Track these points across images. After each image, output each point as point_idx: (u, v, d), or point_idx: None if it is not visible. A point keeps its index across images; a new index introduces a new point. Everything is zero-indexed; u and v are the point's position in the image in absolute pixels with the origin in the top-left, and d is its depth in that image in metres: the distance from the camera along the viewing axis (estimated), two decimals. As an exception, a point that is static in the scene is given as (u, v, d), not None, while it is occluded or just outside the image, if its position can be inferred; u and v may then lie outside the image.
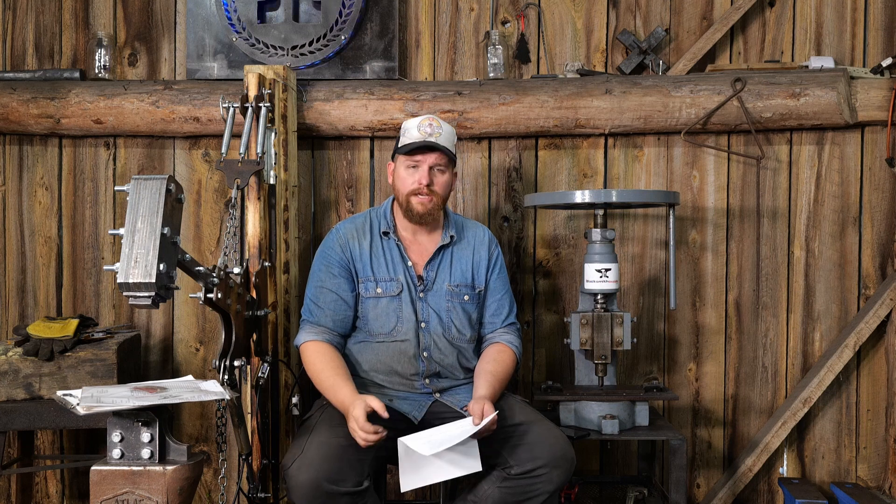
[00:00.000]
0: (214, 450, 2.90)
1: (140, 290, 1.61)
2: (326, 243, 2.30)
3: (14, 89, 2.78)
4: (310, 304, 2.25)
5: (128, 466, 1.75)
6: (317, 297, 2.24)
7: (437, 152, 2.20)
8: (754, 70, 2.78)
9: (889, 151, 2.81)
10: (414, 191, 2.20)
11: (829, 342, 2.87)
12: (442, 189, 2.23)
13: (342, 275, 2.24)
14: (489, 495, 2.01)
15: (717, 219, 2.88)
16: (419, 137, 2.19)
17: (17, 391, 2.44)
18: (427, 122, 2.22)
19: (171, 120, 2.77)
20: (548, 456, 1.96)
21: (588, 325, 2.44)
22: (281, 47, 2.81)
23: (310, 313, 2.24)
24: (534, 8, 2.90)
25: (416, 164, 2.21)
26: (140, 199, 1.65)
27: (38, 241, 2.93)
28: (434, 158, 2.20)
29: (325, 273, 2.25)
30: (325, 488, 1.83)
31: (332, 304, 2.22)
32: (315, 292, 2.24)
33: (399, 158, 2.25)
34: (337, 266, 2.24)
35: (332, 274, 2.24)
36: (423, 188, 2.19)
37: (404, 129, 2.26)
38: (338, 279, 2.23)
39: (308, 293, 2.27)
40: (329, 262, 2.25)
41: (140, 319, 2.92)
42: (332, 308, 2.22)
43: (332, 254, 2.26)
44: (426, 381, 2.22)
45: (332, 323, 2.21)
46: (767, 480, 2.90)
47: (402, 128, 2.27)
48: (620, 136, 2.87)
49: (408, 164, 2.22)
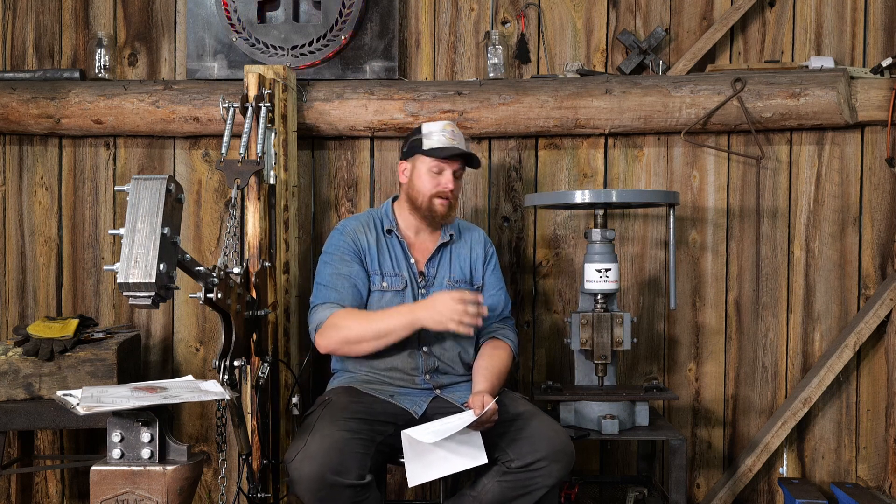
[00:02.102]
0: (214, 450, 2.90)
1: (140, 290, 1.61)
2: (334, 237, 2.32)
3: (14, 89, 2.78)
4: (325, 291, 2.23)
5: (128, 466, 1.75)
6: (333, 283, 2.23)
7: (460, 160, 2.31)
8: (754, 70, 2.78)
9: (889, 151, 2.81)
10: (438, 193, 2.28)
11: (829, 342, 2.87)
12: (458, 193, 2.36)
13: (356, 263, 2.26)
14: (489, 490, 2.01)
15: (717, 219, 2.88)
16: (445, 142, 2.28)
17: (17, 391, 2.44)
18: (450, 127, 2.32)
19: (171, 120, 2.77)
20: (548, 449, 1.97)
21: (588, 325, 2.44)
22: (281, 47, 2.81)
23: (325, 297, 2.22)
24: (534, 8, 2.90)
25: (441, 170, 2.29)
26: (140, 199, 1.65)
27: (38, 241, 2.93)
28: (458, 164, 2.31)
29: (338, 261, 2.26)
30: (328, 480, 1.84)
31: (350, 289, 2.23)
32: (331, 280, 2.24)
33: (421, 159, 2.30)
34: (350, 254, 2.27)
35: (347, 261, 2.26)
36: (447, 192, 2.28)
37: (427, 131, 2.31)
38: (352, 266, 2.25)
39: (321, 281, 2.26)
40: (342, 252, 2.27)
41: (140, 319, 2.92)
42: (351, 293, 2.22)
43: (344, 245, 2.28)
44: (426, 376, 2.24)
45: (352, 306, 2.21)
46: (767, 480, 2.90)
47: (423, 130, 2.32)
48: (620, 136, 2.87)
49: (432, 168, 2.29)
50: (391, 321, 2.11)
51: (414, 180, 2.32)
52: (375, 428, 2.03)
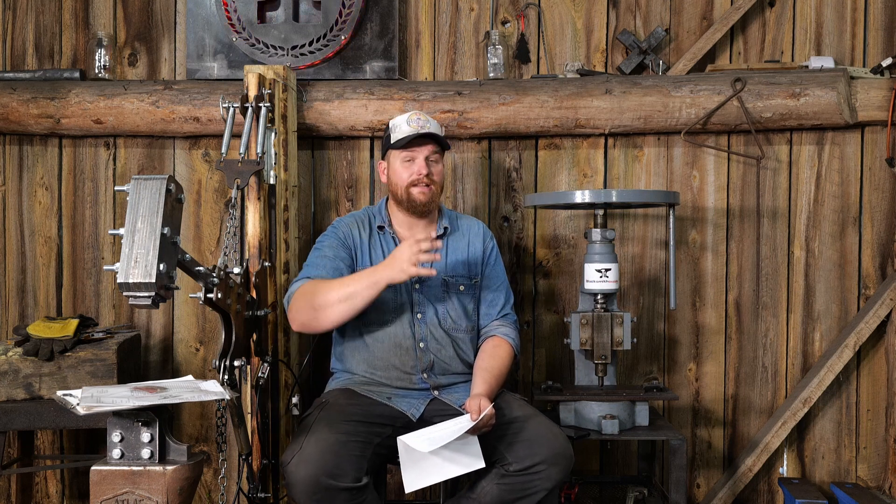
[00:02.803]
0: (214, 450, 2.90)
1: (140, 290, 1.61)
2: (327, 231, 2.34)
3: (14, 89, 2.78)
4: (306, 270, 2.24)
5: (128, 466, 1.75)
6: (313, 262, 2.24)
7: (431, 143, 2.26)
8: (754, 70, 2.78)
9: (889, 151, 2.81)
10: (413, 181, 2.25)
11: (829, 342, 2.87)
12: (439, 178, 2.30)
13: (344, 250, 2.27)
14: (488, 492, 2.01)
15: (717, 219, 2.88)
16: (411, 131, 2.25)
17: (17, 391, 2.44)
18: (415, 116, 2.29)
19: (171, 120, 2.77)
20: (546, 452, 1.96)
21: (588, 325, 2.44)
22: (281, 47, 2.81)
23: (304, 274, 2.23)
24: (534, 8, 2.90)
25: (412, 157, 2.26)
26: (140, 199, 1.65)
27: (38, 241, 2.93)
28: (429, 149, 2.27)
29: (326, 247, 2.27)
30: (323, 483, 1.83)
31: (331, 266, 2.21)
32: (314, 260, 2.25)
33: (393, 154, 2.29)
34: (338, 241, 2.28)
35: (334, 247, 2.27)
36: (422, 178, 2.24)
37: (393, 126, 2.31)
38: (337, 249, 2.26)
39: (305, 265, 2.27)
40: (331, 240, 2.29)
41: (140, 319, 2.92)
42: (331, 269, 2.20)
43: (334, 235, 2.30)
44: (424, 375, 2.23)
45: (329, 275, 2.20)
46: (767, 480, 2.90)
47: (391, 125, 2.32)
48: (620, 136, 2.87)
49: (403, 158, 2.27)
50: (354, 283, 2.07)
51: (391, 176, 2.31)
52: (373, 430, 2.02)
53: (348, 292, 2.06)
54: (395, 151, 2.27)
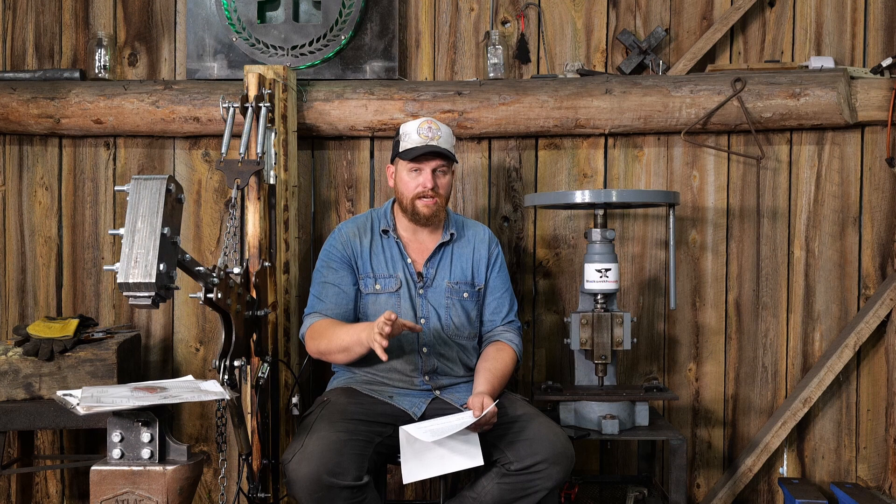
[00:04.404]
0: (214, 450, 2.90)
1: (140, 290, 1.61)
2: (329, 242, 2.36)
3: (14, 89, 2.78)
4: (313, 300, 2.30)
5: (128, 466, 1.75)
6: (320, 293, 2.29)
7: (439, 156, 2.25)
8: (754, 70, 2.78)
9: (889, 151, 2.81)
10: (419, 194, 2.26)
11: (829, 342, 2.87)
12: (445, 190, 2.30)
13: (343, 269, 2.29)
14: (488, 491, 2.01)
15: (717, 219, 2.88)
16: (420, 142, 2.24)
17: (17, 391, 2.44)
18: (426, 125, 2.26)
19: (171, 120, 2.77)
20: (547, 452, 1.96)
21: (588, 325, 2.44)
22: (281, 47, 2.81)
23: (312, 307, 2.30)
24: (534, 8, 2.90)
25: (419, 169, 2.26)
26: (140, 199, 1.65)
27: (38, 241, 2.93)
28: (436, 162, 2.26)
29: (326, 269, 2.31)
30: (324, 481, 1.84)
31: (334, 296, 2.27)
32: (318, 289, 2.30)
33: (400, 163, 2.30)
34: (338, 261, 2.30)
35: (333, 269, 2.30)
36: (427, 192, 2.25)
37: (403, 132, 2.29)
38: (339, 273, 2.29)
39: (312, 291, 2.32)
40: (330, 259, 2.32)
41: (140, 319, 2.92)
42: (335, 300, 2.26)
43: (334, 251, 2.32)
44: (425, 377, 2.24)
45: (335, 314, 2.26)
46: (767, 480, 2.90)
47: (401, 131, 2.31)
48: (620, 136, 2.87)
49: (410, 169, 2.27)
50: (347, 338, 2.12)
51: (398, 184, 2.32)
52: (374, 429, 2.03)
53: (344, 346, 2.13)
54: (403, 161, 2.28)
